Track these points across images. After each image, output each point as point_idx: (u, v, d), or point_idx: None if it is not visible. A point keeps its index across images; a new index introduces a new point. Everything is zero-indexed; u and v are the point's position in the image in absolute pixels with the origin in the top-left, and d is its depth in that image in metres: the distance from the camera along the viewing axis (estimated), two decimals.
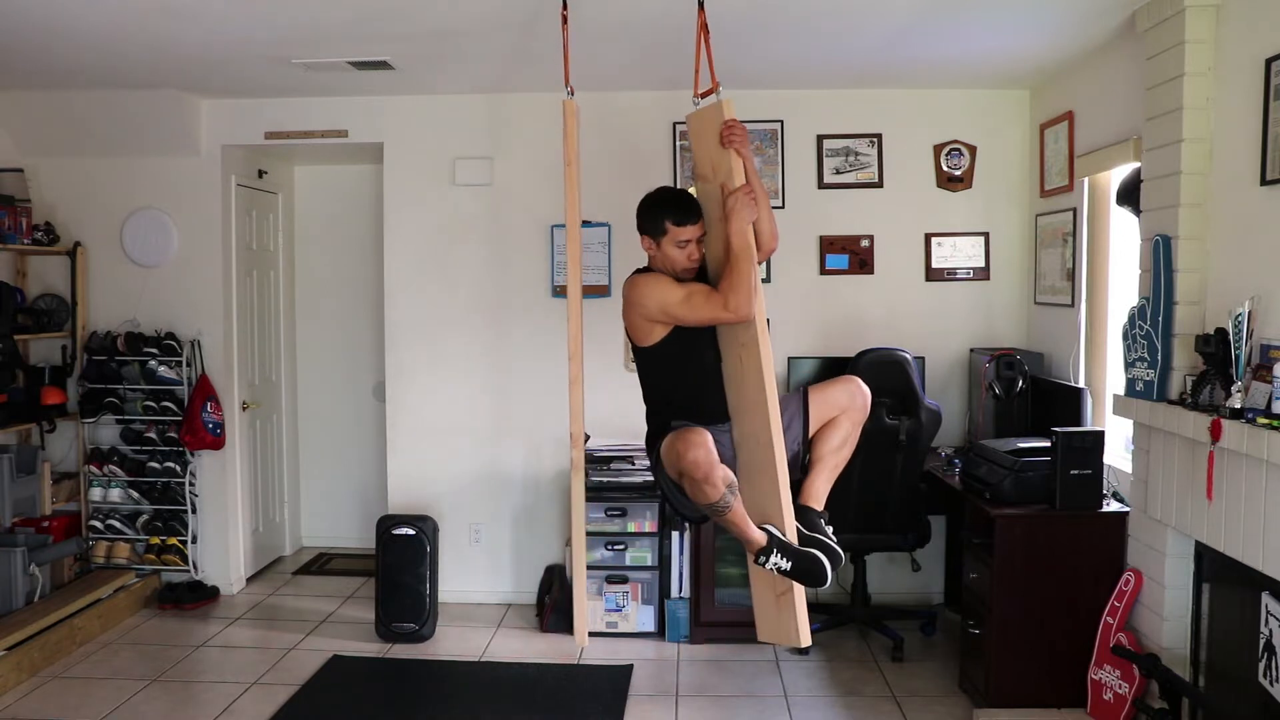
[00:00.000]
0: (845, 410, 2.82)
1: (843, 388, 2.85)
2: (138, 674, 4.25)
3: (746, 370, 2.71)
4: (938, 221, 5.02)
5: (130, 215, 5.19)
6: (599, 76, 4.57)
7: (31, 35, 3.88)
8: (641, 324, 2.78)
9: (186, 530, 5.20)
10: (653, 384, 2.91)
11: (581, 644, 2.91)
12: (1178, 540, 3.29)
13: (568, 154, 2.80)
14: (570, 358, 2.81)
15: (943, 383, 5.00)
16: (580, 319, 2.82)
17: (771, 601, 2.79)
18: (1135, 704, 3.36)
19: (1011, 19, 3.75)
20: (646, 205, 2.82)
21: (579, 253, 2.84)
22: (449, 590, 5.09)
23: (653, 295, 2.72)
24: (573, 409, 2.81)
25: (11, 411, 4.87)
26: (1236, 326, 2.83)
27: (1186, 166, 3.20)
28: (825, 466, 2.83)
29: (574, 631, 2.90)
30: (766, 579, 2.78)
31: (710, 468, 2.52)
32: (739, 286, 2.61)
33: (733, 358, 2.77)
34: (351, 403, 6.11)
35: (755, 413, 2.69)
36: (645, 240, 2.81)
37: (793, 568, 2.63)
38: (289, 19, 3.69)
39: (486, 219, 5.11)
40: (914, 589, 5.06)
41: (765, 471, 2.68)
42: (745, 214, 2.66)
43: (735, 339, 2.74)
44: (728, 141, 2.70)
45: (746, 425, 2.73)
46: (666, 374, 2.85)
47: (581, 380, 2.82)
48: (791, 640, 2.73)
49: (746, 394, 2.72)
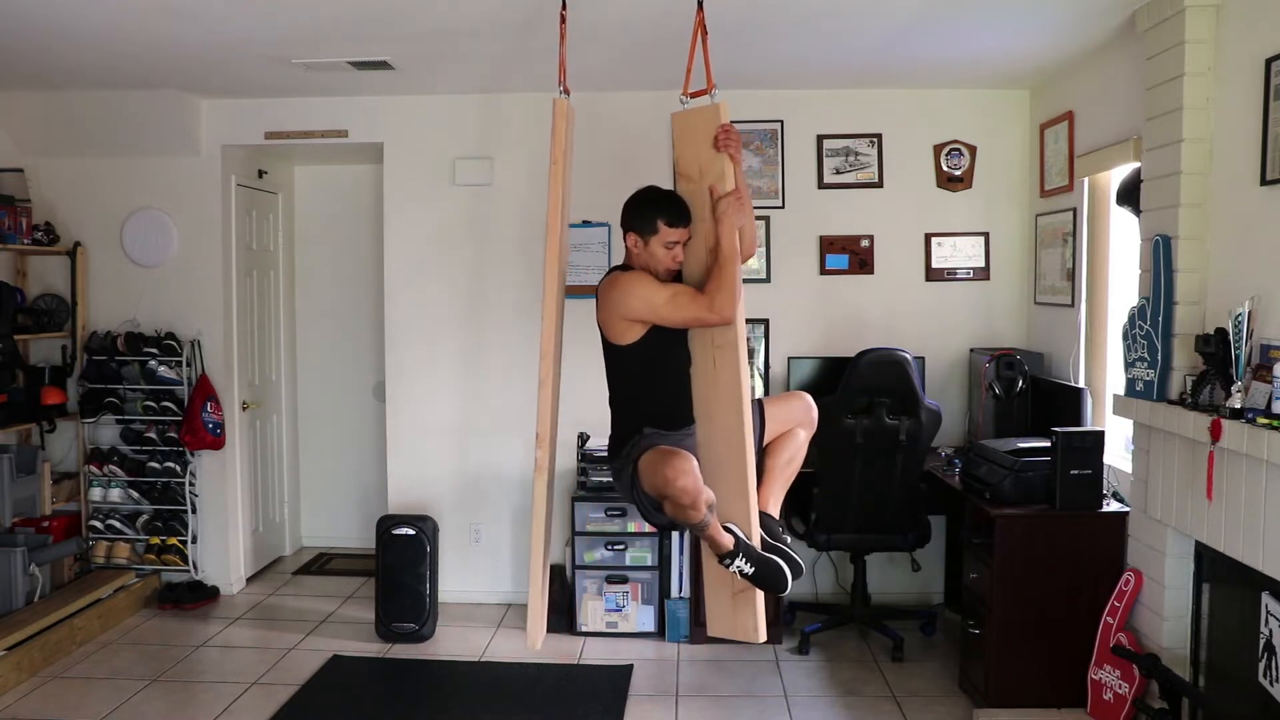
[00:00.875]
0: (800, 423, 2.87)
1: (797, 401, 2.90)
2: (138, 674, 4.25)
3: (720, 372, 2.69)
4: (938, 221, 5.02)
5: (130, 215, 5.19)
6: (598, 76, 4.57)
7: (31, 35, 3.88)
8: (619, 322, 2.73)
9: (186, 530, 5.20)
10: (622, 384, 2.85)
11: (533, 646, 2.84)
12: (1178, 540, 3.29)
13: (554, 153, 2.77)
14: (542, 357, 2.74)
15: (943, 383, 5.00)
16: (557, 318, 2.76)
17: (727, 599, 2.81)
18: (1135, 704, 3.36)
19: (1011, 19, 3.75)
20: (638, 202, 2.77)
21: (557, 250, 2.75)
22: (449, 590, 5.09)
23: (637, 293, 2.68)
24: (540, 410, 2.75)
25: (11, 411, 4.87)
26: (1236, 326, 2.83)
27: (1186, 166, 3.20)
28: (780, 477, 2.87)
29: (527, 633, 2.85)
30: (723, 578, 2.77)
31: (697, 494, 2.51)
32: (725, 288, 2.60)
33: (705, 359, 2.74)
34: (351, 403, 6.11)
35: (727, 415, 2.68)
36: (631, 237, 2.75)
37: (755, 573, 2.64)
38: (289, 19, 3.69)
39: (486, 219, 5.11)
40: (914, 589, 5.06)
41: (733, 473, 2.67)
42: (736, 218, 2.65)
43: (710, 340, 2.72)
44: (723, 146, 2.67)
45: (717, 426, 2.71)
46: (639, 374, 2.81)
47: (552, 381, 2.75)
48: (749, 637, 2.74)
49: (718, 396, 2.70)
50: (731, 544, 2.62)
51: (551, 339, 2.75)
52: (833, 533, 4.43)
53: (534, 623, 2.83)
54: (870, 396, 4.22)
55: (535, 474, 2.78)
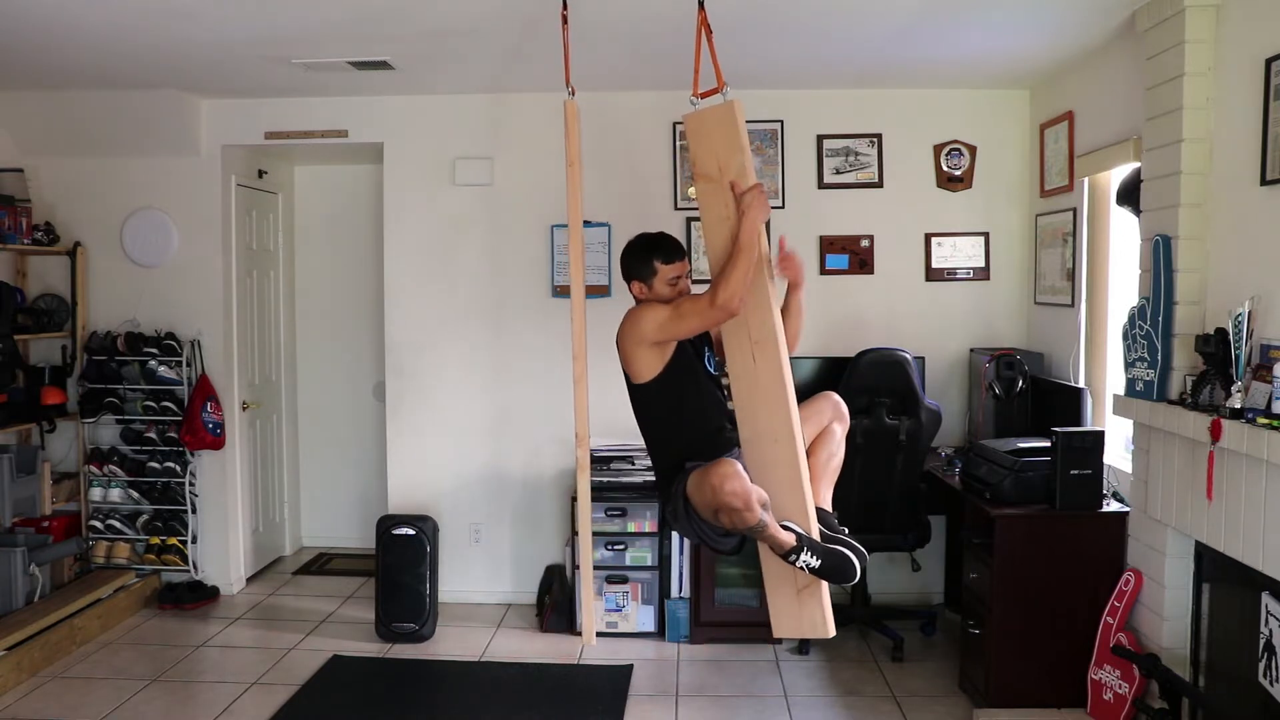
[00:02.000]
0: (834, 418, 2.91)
1: (825, 401, 2.94)
2: (138, 674, 4.25)
3: (760, 368, 2.70)
4: (938, 221, 5.02)
5: (130, 215, 5.19)
6: (599, 76, 4.57)
7: (31, 35, 3.88)
8: (638, 353, 2.81)
9: (186, 530, 5.20)
10: (653, 427, 2.93)
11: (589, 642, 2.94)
12: (1178, 540, 3.29)
13: (570, 155, 2.81)
14: (575, 357, 2.81)
15: (943, 383, 5.00)
16: (584, 318, 2.83)
17: (792, 597, 2.79)
18: (1135, 704, 3.36)
19: (1012, 19, 3.75)
20: (631, 252, 2.89)
21: (582, 252, 2.85)
22: (449, 590, 5.09)
23: (647, 317, 2.78)
24: (578, 408, 2.81)
25: (11, 411, 4.87)
26: (1236, 326, 2.83)
27: (1186, 166, 3.20)
28: (825, 472, 2.89)
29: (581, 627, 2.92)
30: (784, 575, 2.77)
31: (749, 493, 2.55)
32: (730, 278, 2.62)
33: (744, 356, 2.74)
34: (351, 403, 6.11)
35: (773, 410, 2.68)
36: (635, 285, 2.88)
37: (822, 565, 2.65)
38: (289, 19, 3.69)
39: (486, 219, 5.11)
40: (914, 589, 5.06)
41: (784, 469, 2.68)
42: (760, 213, 2.67)
43: (748, 336, 2.72)
44: (783, 270, 2.78)
45: (762, 423, 2.72)
46: (664, 414, 2.89)
47: (586, 379, 2.82)
48: (818, 632, 2.75)
49: (761, 392, 2.70)
50: (794, 540, 2.63)
51: (582, 339, 2.80)
52: None
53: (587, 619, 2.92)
54: (870, 396, 4.22)
55: (578, 473, 2.85)
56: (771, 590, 2.85)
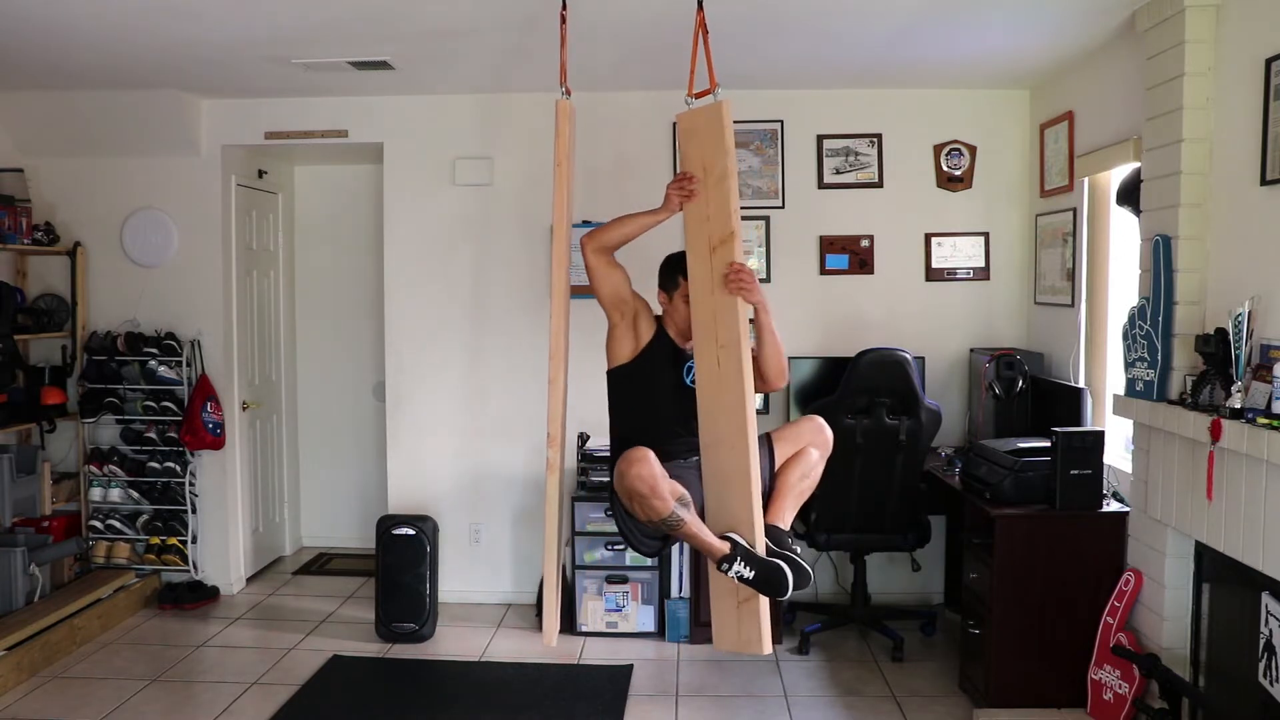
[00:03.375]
0: (810, 443, 2.89)
1: (807, 423, 2.94)
2: (138, 674, 4.25)
3: (724, 373, 2.65)
4: (938, 221, 5.02)
5: (130, 215, 5.19)
6: (598, 76, 4.57)
7: (31, 35, 3.88)
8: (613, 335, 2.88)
9: (186, 530, 5.20)
10: (615, 416, 2.97)
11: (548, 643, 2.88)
12: (1178, 540, 3.29)
13: (558, 154, 2.81)
14: (551, 357, 2.80)
15: (943, 383, 5.00)
16: (564, 317, 2.82)
17: (732, 609, 2.75)
18: (1135, 704, 3.36)
19: (1011, 19, 3.75)
20: (668, 263, 2.95)
21: (566, 251, 2.85)
22: (449, 590, 5.09)
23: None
24: (551, 409, 2.79)
25: (11, 411, 4.87)
26: (1236, 326, 2.83)
27: (1186, 166, 3.20)
28: (791, 493, 2.86)
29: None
30: (728, 586, 2.74)
31: (654, 480, 2.54)
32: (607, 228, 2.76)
33: (710, 360, 2.71)
34: (351, 403, 6.11)
35: (730, 417, 2.63)
36: (661, 295, 2.95)
37: (755, 576, 2.60)
38: (289, 19, 3.69)
39: (486, 219, 5.11)
40: (914, 589, 5.06)
41: (737, 478, 2.63)
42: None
43: (714, 340, 2.69)
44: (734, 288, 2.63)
45: (722, 429, 2.67)
46: (622, 402, 2.93)
47: (562, 380, 2.80)
48: (753, 649, 2.70)
49: (723, 397, 2.66)
50: (727, 549, 2.60)
51: (560, 339, 2.80)
52: (833, 533, 4.43)
53: (549, 620, 2.87)
54: (870, 396, 4.22)
55: (547, 473, 2.81)
56: (715, 601, 2.84)
